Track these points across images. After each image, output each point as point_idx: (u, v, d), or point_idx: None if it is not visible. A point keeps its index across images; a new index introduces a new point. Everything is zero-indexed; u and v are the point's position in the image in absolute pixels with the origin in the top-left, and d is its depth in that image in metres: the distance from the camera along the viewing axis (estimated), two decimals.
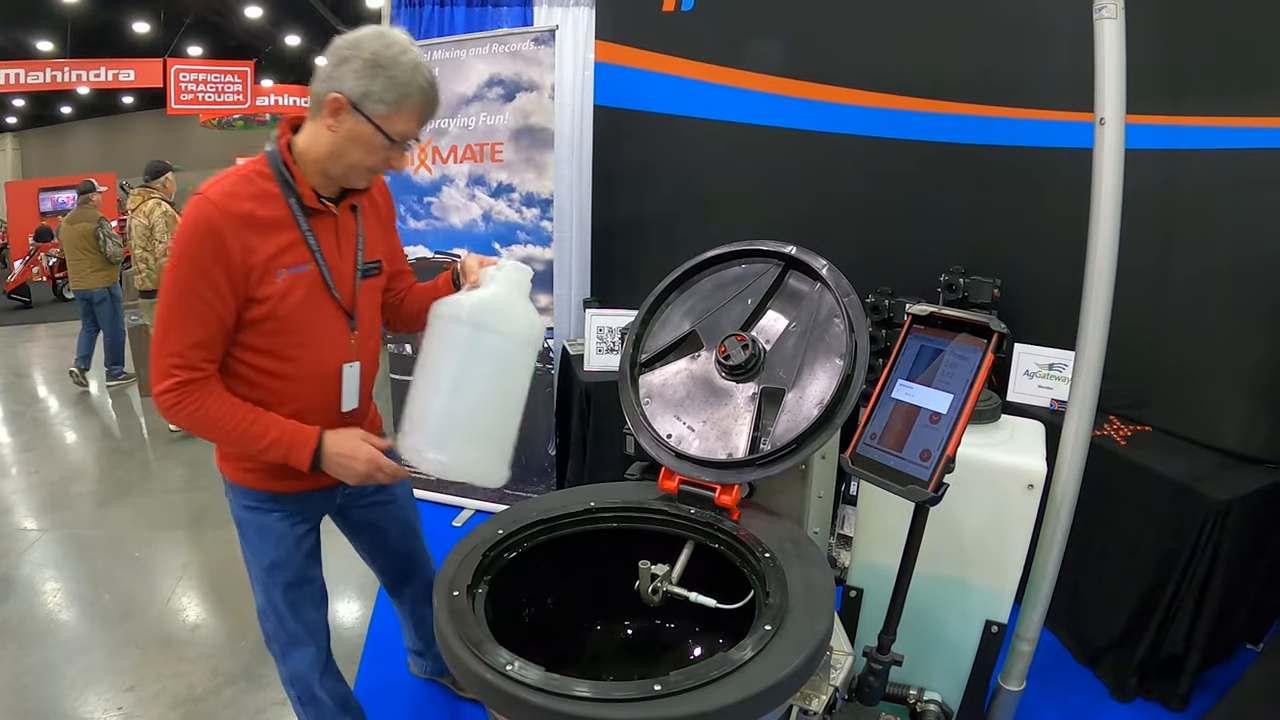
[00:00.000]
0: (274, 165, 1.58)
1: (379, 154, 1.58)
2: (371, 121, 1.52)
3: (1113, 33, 1.76)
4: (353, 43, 1.52)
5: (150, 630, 3.13)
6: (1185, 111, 2.65)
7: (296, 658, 1.94)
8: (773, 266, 1.76)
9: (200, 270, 1.48)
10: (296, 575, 1.85)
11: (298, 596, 1.87)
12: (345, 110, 1.52)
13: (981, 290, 3.13)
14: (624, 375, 1.79)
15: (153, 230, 5.48)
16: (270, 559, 1.81)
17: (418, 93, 1.54)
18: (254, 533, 1.81)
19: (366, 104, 1.52)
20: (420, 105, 1.57)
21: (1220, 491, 2.42)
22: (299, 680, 1.97)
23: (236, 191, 1.53)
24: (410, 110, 1.55)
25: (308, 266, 1.62)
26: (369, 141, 1.55)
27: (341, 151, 1.57)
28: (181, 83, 11.83)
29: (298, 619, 1.89)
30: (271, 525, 1.79)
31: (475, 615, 1.28)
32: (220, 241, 1.48)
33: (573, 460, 3.84)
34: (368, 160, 1.59)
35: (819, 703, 1.28)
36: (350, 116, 1.53)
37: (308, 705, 2.01)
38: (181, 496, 4.51)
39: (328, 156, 1.58)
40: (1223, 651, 2.65)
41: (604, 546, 1.63)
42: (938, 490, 1.22)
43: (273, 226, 1.57)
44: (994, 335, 1.26)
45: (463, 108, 3.76)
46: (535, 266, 3.68)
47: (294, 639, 1.91)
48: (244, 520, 1.81)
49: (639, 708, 1.09)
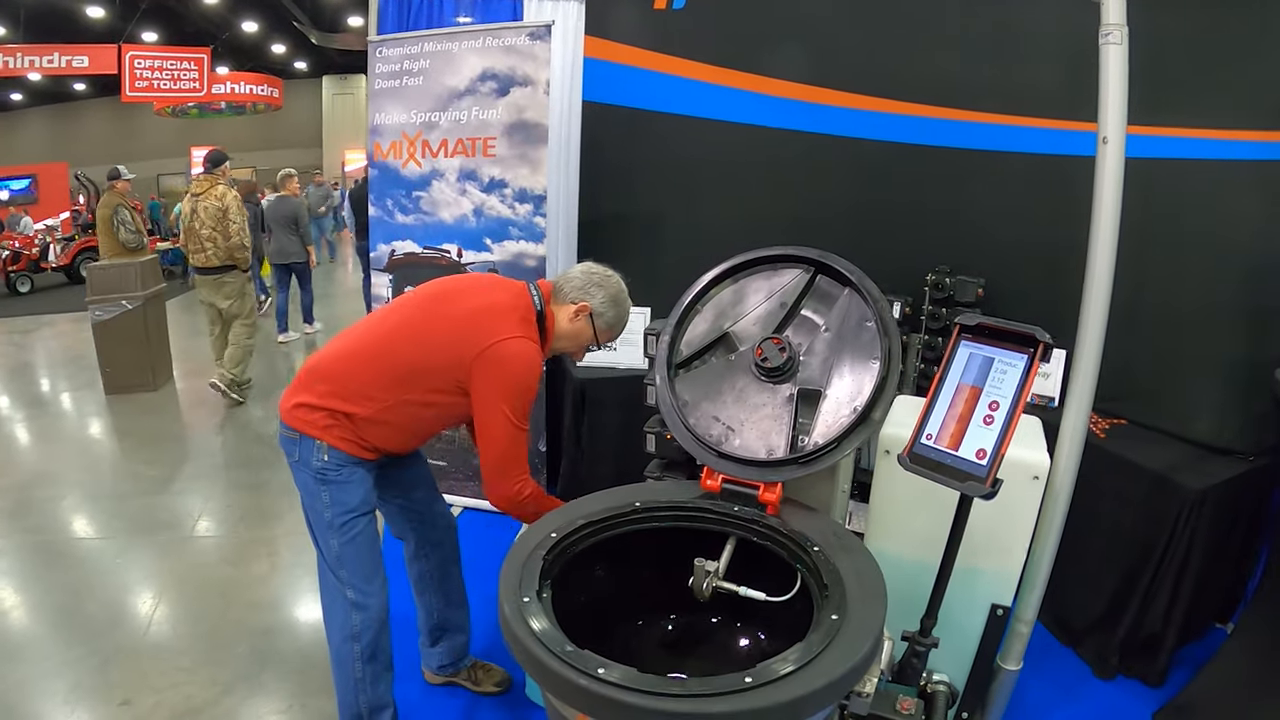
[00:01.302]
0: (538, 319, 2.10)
1: (581, 343, 2.22)
2: (595, 329, 2.17)
3: (1117, 57, 1.87)
4: (604, 278, 2.18)
5: (140, 640, 3.05)
6: (1163, 123, 2.81)
7: (373, 602, 2.16)
8: (802, 271, 1.84)
9: (531, 397, 2.02)
10: (372, 513, 2.16)
11: (372, 532, 2.16)
12: (585, 315, 2.14)
13: (966, 290, 3.25)
14: (662, 377, 1.85)
15: (226, 212, 5.91)
16: (358, 499, 2.09)
17: (619, 321, 2.21)
18: (343, 482, 2.06)
19: (598, 320, 2.16)
20: (617, 332, 2.24)
21: (1196, 481, 2.58)
22: (365, 632, 2.16)
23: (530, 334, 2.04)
24: (613, 330, 2.22)
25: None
26: (582, 336, 2.18)
27: (569, 336, 2.17)
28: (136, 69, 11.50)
29: (372, 549, 2.16)
30: (358, 474, 2.08)
31: (552, 620, 1.33)
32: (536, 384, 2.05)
33: (566, 457, 3.88)
34: (574, 348, 2.23)
35: (871, 685, 1.37)
36: (585, 320, 2.15)
37: (367, 664, 2.19)
38: (158, 499, 4.42)
39: (556, 336, 2.15)
40: (1197, 631, 2.83)
41: (649, 545, 1.69)
42: (994, 486, 1.33)
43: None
44: (1040, 345, 1.37)
45: (454, 101, 3.76)
46: (528, 262, 3.75)
47: (369, 580, 2.15)
48: (334, 476, 2.05)
49: (734, 700, 1.16)
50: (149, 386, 6.49)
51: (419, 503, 2.43)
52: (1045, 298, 2.77)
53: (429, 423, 2.14)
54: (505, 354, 1.93)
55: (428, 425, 2.15)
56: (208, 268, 6.03)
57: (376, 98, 3.92)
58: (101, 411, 6.15)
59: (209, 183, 6.01)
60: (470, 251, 3.85)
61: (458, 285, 2.18)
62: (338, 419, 2.01)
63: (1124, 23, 1.88)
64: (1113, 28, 1.87)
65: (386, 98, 3.89)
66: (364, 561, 2.14)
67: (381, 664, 2.24)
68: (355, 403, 2.00)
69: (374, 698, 2.23)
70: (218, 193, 5.96)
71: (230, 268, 6.05)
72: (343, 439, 2.02)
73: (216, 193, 5.96)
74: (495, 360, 1.93)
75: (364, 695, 2.21)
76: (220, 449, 5.34)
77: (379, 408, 2.01)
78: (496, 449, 1.96)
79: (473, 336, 1.94)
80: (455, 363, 1.95)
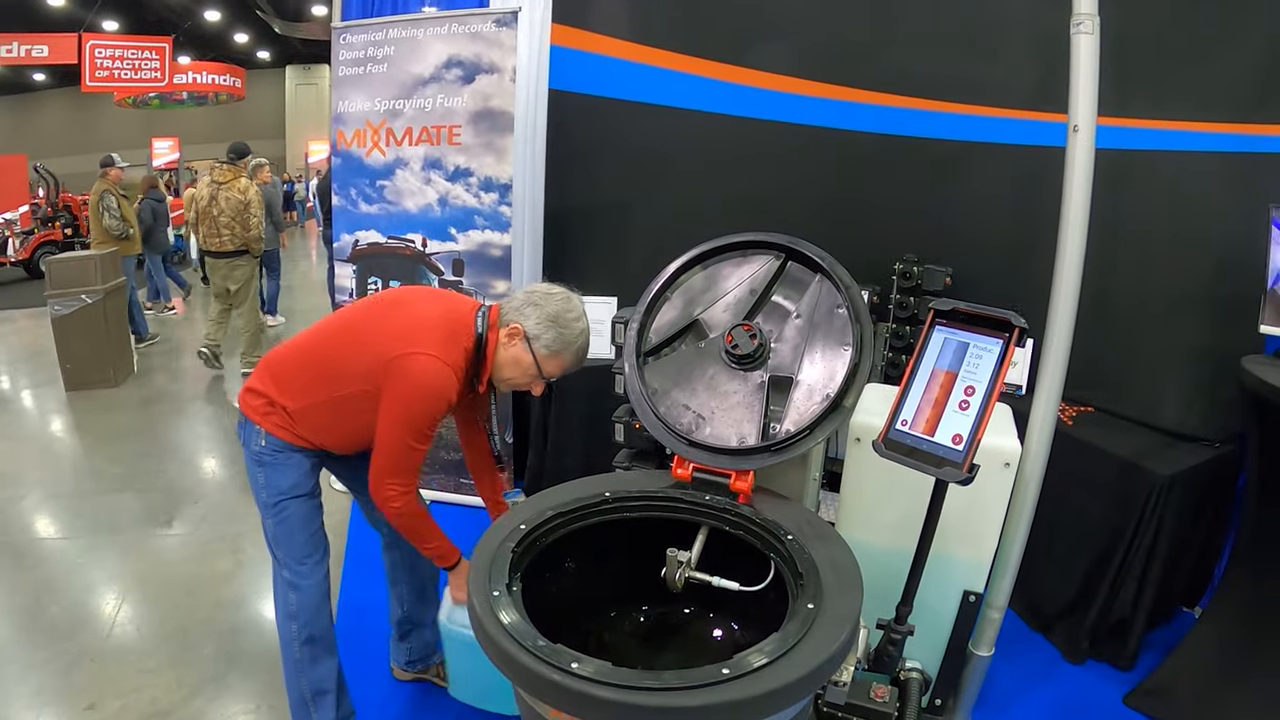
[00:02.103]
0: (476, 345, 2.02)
1: (526, 376, 2.03)
2: (535, 355, 1.98)
3: (1088, 46, 1.88)
4: (544, 296, 2.01)
5: (103, 643, 2.98)
6: (1131, 115, 2.83)
7: (306, 583, 2.18)
8: (772, 257, 1.83)
9: (435, 420, 1.96)
10: (309, 495, 2.17)
11: (308, 512, 2.18)
12: (520, 339, 1.99)
13: (935, 278, 3.26)
14: (631, 365, 1.83)
15: (249, 205, 6.37)
16: (291, 481, 2.11)
17: (570, 351, 2.00)
18: (278, 465, 2.11)
19: (536, 344, 1.98)
20: (570, 360, 2.02)
21: (1163, 467, 2.60)
22: (302, 612, 2.18)
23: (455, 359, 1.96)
24: (561, 361, 2.01)
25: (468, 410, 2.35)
26: (526, 368, 2.01)
27: (502, 365, 2.03)
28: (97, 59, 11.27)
29: (306, 528, 2.17)
30: (293, 458, 2.12)
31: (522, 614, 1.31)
32: (447, 405, 1.96)
33: (533, 449, 3.85)
34: (519, 379, 2.04)
35: (848, 674, 1.36)
36: (523, 348, 1.99)
37: (306, 645, 2.21)
38: (119, 497, 4.33)
39: (496, 368, 2.04)
40: (1165, 615, 2.87)
41: (621, 536, 1.67)
42: (971, 471, 1.32)
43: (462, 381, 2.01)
44: (1015, 330, 1.36)
45: (419, 89, 3.71)
46: (493, 252, 3.71)
47: (302, 561, 2.17)
48: (269, 460, 2.10)
49: (711, 693, 1.14)
50: (110, 382, 6.36)
51: None
52: (1013, 287, 2.78)
53: (353, 420, 2.06)
54: (410, 369, 1.91)
55: (352, 423, 2.08)
56: (222, 252, 6.47)
57: (340, 85, 3.85)
58: (62, 408, 6.01)
59: (232, 174, 6.42)
60: (435, 241, 3.81)
61: (413, 295, 2.19)
62: (275, 408, 2.07)
63: (1095, 13, 1.89)
64: (1084, 17, 1.88)
65: (350, 85, 3.82)
66: (296, 542, 2.17)
67: (322, 647, 2.24)
68: (289, 395, 2.06)
69: (315, 680, 2.24)
70: (240, 185, 6.39)
71: (243, 252, 6.50)
72: (279, 427, 2.08)
73: (240, 185, 6.39)
74: (399, 373, 1.92)
75: (305, 678, 2.24)
76: (183, 445, 5.24)
77: (309, 403, 2.05)
78: (383, 457, 1.97)
79: (392, 346, 1.95)
80: (371, 368, 1.96)
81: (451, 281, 3.78)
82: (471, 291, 3.76)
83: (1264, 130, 2.70)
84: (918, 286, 3.30)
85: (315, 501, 2.20)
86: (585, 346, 2.03)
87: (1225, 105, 2.75)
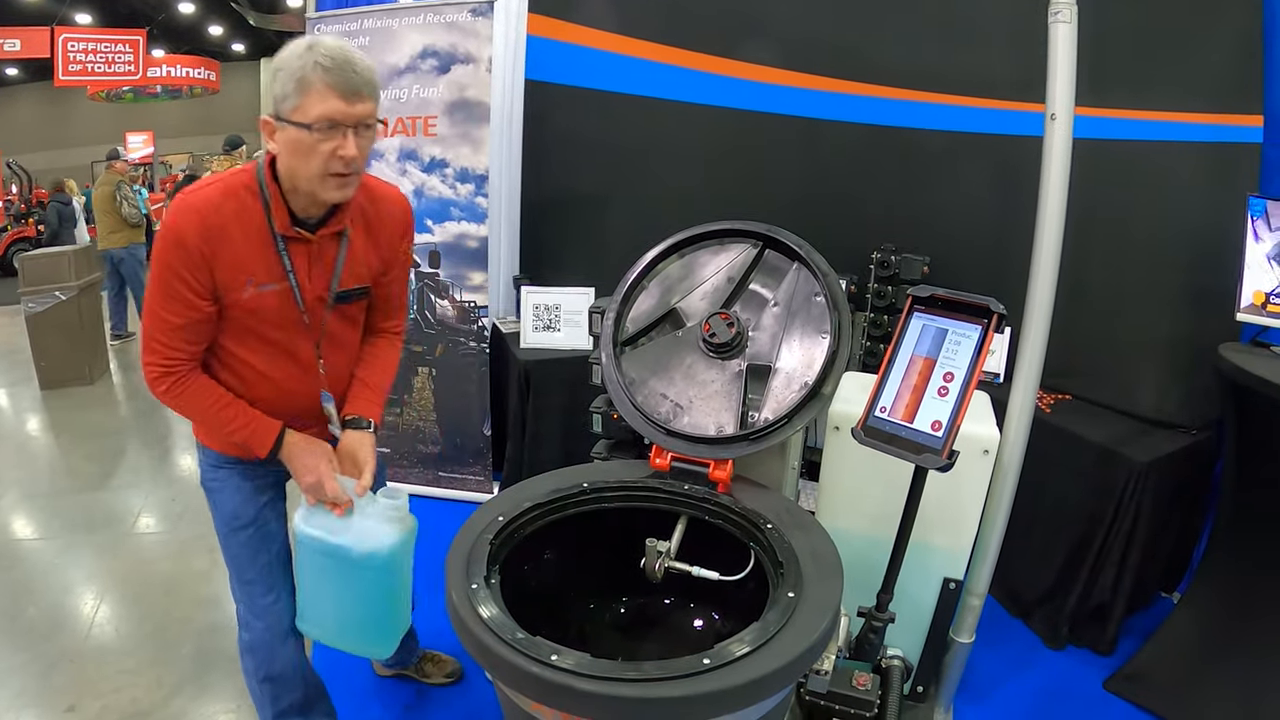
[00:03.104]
0: (258, 182, 1.63)
1: (318, 151, 1.54)
2: (290, 122, 1.53)
3: (1065, 35, 1.88)
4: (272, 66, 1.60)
5: (82, 643, 2.95)
6: (1109, 105, 2.84)
7: (257, 625, 1.94)
8: (750, 245, 1.82)
9: (174, 272, 1.57)
10: (255, 523, 1.90)
11: (257, 545, 1.91)
12: (269, 126, 1.58)
13: (912, 267, 3.26)
14: (608, 354, 1.82)
15: None
16: (231, 508, 1.88)
17: (314, 70, 1.50)
18: (218, 488, 1.89)
19: (282, 110, 1.54)
20: (324, 81, 1.50)
21: (1141, 454, 2.62)
22: (259, 649, 1.95)
23: (220, 203, 1.59)
24: (316, 91, 1.51)
25: (278, 286, 1.68)
26: (300, 143, 1.54)
27: (292, 168, 1.59)
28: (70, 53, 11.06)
29: (256, 571, 1.91)
30: (232, 478, 1.88)
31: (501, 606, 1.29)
32: (190, 252, 1.56)
33: (511, 440, 3.82)
34: (312, 163, 1.55)
35: (830, 662, 1.36)
36: (278, 129, 1.56)
37: (264, 684, 1.98)
38: (98, 495, 4.29)
39: (287, 175, 1.62)
40: (1144, 600, 2.89)
41: (599, 527, 1.66)
42: (951, 458, 1.32)
43: (248, 242, 1.63)
44: (994, 316, 1.37)
45: (394, 79, 3.66)
46: (469, 243, 3.68)
47: (254, 600, 1.92)
48: (211, 478, 1.90)
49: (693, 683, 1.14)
50: (85, 380, 6.29)
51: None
52: (992, 276, 2.77)
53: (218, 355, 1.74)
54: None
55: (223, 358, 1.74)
56: None
57: None
58: (37, 407, 5.93)
59: (230, 162, 6.73)
60: None
61: None
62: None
63: (1073, 2, 1.89)
64: (1062, 6, 1.88)
65: None
66: (244, 579, 1.93)
67: (282, 685, 2.00)
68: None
69: (278, 713, 2.03)
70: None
71: None
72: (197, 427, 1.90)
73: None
74: None
75: (267, 711, 2.03)
76: (159, 443, 5.18)
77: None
78: (143, 317, 1.67)
79: None
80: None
81: (428, 274, 3.75)
82: (448, 285, 3.74)
83: (1241, 120, 2.72)
84: (895, 275, 3.30)
85: (264, 531, 1.92)
86: (332, 56, 1.51)
87: (1203, 95, 2.77)
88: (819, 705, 1.60)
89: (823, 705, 1.60)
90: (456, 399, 3.79)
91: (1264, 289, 2.46)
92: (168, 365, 1.64)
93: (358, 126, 1.55)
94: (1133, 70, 2.86)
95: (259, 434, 1.74)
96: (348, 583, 1.80)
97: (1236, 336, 2.59)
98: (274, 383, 1.78)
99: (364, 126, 1.57)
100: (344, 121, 1.53)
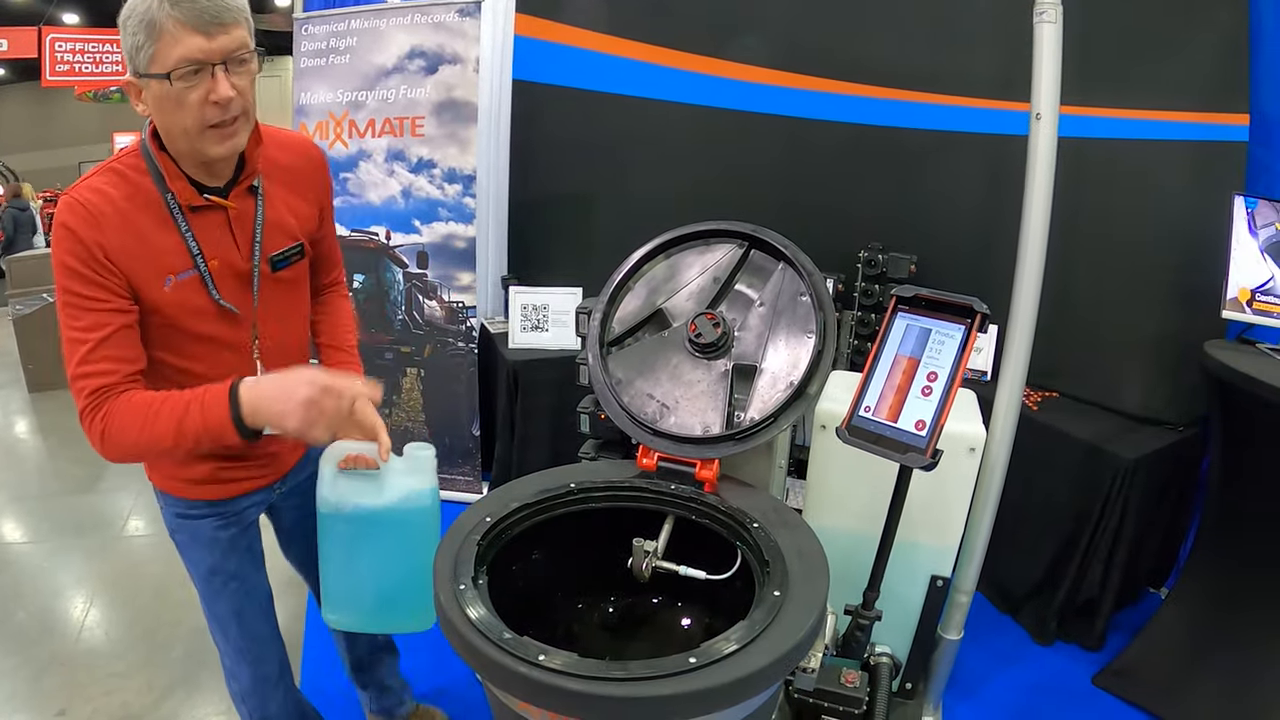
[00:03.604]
0: (144, 157, 1.41)
1: (187, 101, 1.31)
2: (150, 75, 1.30)
3: (1051, 35, 1.89)
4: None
5: (73, 647, 2.96)
6: (1095, 104, 2.86)
7: (245, 674, 1.82)
8: (735, 245, 1.82)
9: (77, 276, 1.34)
10: (236, 578, 1.73)
11: (240, 601, 1.75)
12: (134, 87, 1.35)
13: (899, 266, 3.26)
14: (594, 355, 1.82)
15: None
16: (207, 565, 1.70)
17: (160, 7, 1.26)
18: (187, 539, 1.70)
19: (138, 64, 1.31)
20: (173, 18, 1.26)
21: (1128, 451, 2.64)
22: (250, 697, 1.86)
23: (106, 189, 1.37)
24: (168, 33, 1.27)
25: (193, 272, 1.45)
26: (166, 96, 1.31)
27: (167, 127, 1.37)
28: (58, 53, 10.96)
29: (242, 627, 1.77)
30: (202, 530, 1.68)
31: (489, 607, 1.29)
32: (85, 246, 1.33)
33: (500, 441, 3.83)
34: (185, 117, 1.32)
35: (816, 660, 1.36)
36: (143, 88, 1.34)
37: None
38: (87, 498, 4.28)
39: (166, 138, 1.39)
40: (1132, 596, 2.91)
41: (586, 527, 1.66)
42: (934, 457, 1.33)
43: (152, 227, 1.40)
44: (977, 315, 1.37)
45: (381, 80, 3.67)
46: (457, 244, 3.68)
47: (241, 652, 1.79)
48: (175, 527, 1.70)
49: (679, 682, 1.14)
50: None
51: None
52: (979, 274, 2.79)
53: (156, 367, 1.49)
54: None
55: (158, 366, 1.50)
56: None
57: (302, 77, 3.81)
58: (25, 410, 5.92)
59: None
60: (398, 234, 3.77)
61: None
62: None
63: (1058, 2, 1.90)
64: (1047, 6, 1.89)
65: (312, 77, 3.78)
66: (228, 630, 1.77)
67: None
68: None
69: None
70: None
71: None
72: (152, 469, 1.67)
73: None
74: None
75: None
76: None
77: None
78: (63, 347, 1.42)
79: None
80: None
81: (416, 274, 3.75)
82: (436, 286, 3.74)
83: (1226, 119, 2.74)
84: (883, 274, 3.30)
85: (246, 585, 1.75)
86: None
87: (1189, 94, 2.78)
88: (808, 703, 1.61)
89: (811, 703, 1.60)
90: (445, 400, 3.79)
91: (1251, 285, 2.47)
92: (96, 401, 1.37)
93: (227, 62, 1.31)
94: (1118, 69, 2.88)
95: (211, 408, 1.35)
96: (388, 548, 1.63)
97: (1222, 334, 2.60)
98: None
99: (236, 61, 1.33)
100: (208, 59, 1.29)
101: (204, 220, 1.45)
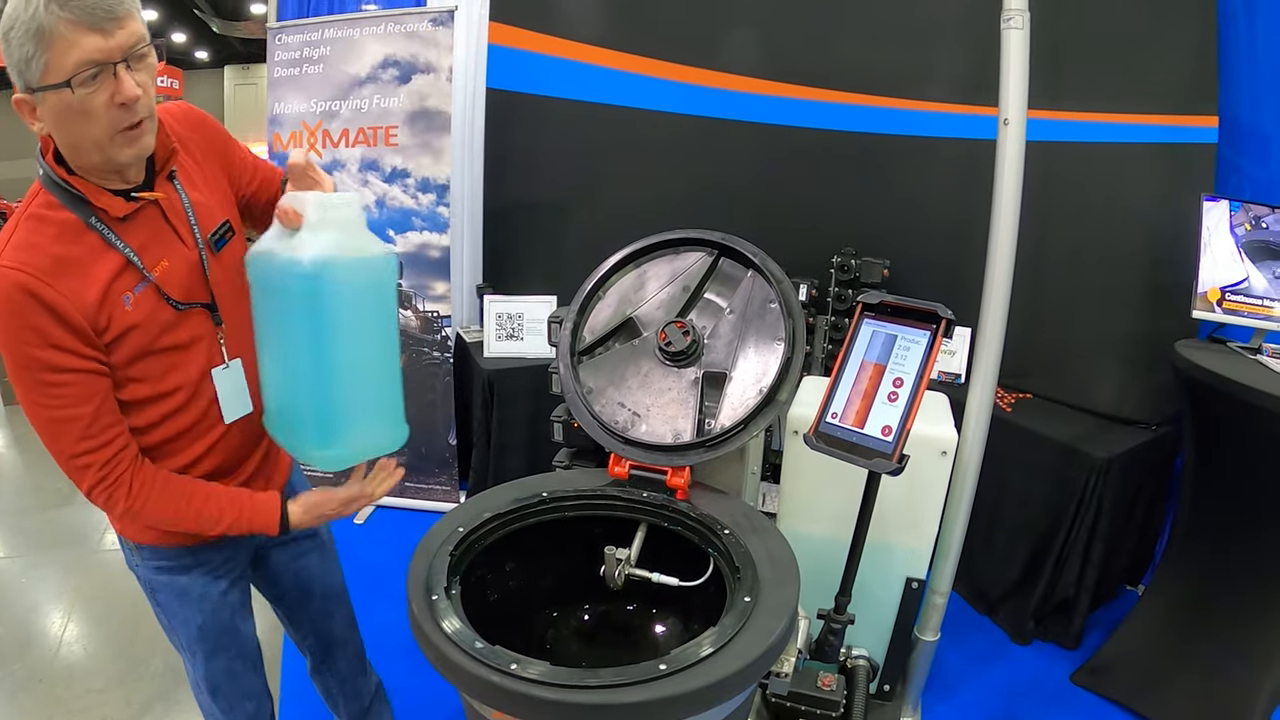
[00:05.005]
0: (53, 189, 1.28)
1: (93, 107, 1.19)
2: (47, 88, 1.17)
3: (1018, 41, 1.91)
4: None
5: (51, 663, 2.93)
6: (1062, 108, 2.90)
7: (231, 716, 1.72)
8: (704, 254, 1.83)
9: (44, 343, 1.23)
10: (229, 635, 1.63)
11: (234, 661, 1.66)
12: (27, 105, 1.22)
13: (872, 270, 3.29)
14: (565, 364, 1.82)
15: None
16: (197, 624, 1.58)
17: (47, 11, 1.13)
18: (172, 597, 1.56)
19: (29, 78, 1.18)
20: (65, 20, 1.14)
21: (1101, 450, 2.67)
22: None
23: (35, 241, 1.24)
24: (61, 36, 1.14)
25: (146, 284, 1.34)
26: (68, 108, 1.19)
27: (74, 142, 1.25)
28: None
29: (235, 685, 1.67)
30: (190, 585, 1.56)
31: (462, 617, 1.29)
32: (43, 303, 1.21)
33: (477, 450, 3.83)
34: (94, 127, 1.21)
35: (789, 664, 1.37)
36: (38, 104, 1.21)
37: None
38: (63, 512, 4.21)
39: (72, 153, 1.27)
40: (1108, 593, 2.94)
41: (559, 536, 1.66)
42: (901, 462, 1.34)
43: (90, 259, 1.28)
44: (942, 321, 1.39)
45: (355, 89, 3.66)
46: (431, 254, 3.68)
47: (224, 699, 1.68)
48: (157, 584, 1.56)
49: (650, 689, 1.14)
50: None
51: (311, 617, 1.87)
52: (951, 278, 2.83)
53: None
54: None
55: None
56: None
57: (276, 87, 3.79)
58: (1, 423, 5.84)
59: None
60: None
61: None
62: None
63: (1026, 8, 1.92)
64: (1014, 12, 1.91)
65: (286, 87, 3.76)
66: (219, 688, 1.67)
67: None
68: None
69: None
70: None
71: None
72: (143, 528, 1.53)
73: None
74: None
75: None
76: None
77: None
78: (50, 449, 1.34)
79: None
80: None
81: None
82: (411, 295, 3.74)
83: (1193, 121, 2.78)
84: (856, 279, 3.33)
85: (238, 640, 1.66)
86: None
87: (1157, 97, 2.83)
88: (785, 707, 1.61)
89: (789, 707, 1.61)
90: (421, 409, 3.78)
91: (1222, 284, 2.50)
92: (111, 474, 1.33)
93: (128, 59, 1.20)
94: (1088, 73, 2.92)
95: (262, 512, 1.45)
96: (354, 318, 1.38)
97: (1194, 333, 2.63)
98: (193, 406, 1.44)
99: (136, 57, 1.22)
100: (109, 59, 1.17)
101: (137, 226, 1.34)
